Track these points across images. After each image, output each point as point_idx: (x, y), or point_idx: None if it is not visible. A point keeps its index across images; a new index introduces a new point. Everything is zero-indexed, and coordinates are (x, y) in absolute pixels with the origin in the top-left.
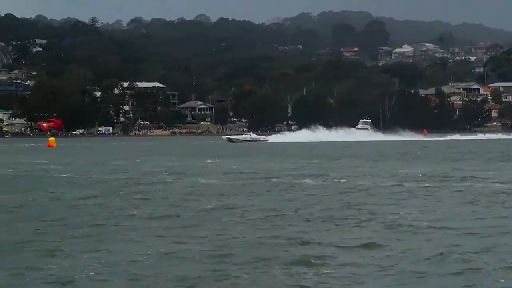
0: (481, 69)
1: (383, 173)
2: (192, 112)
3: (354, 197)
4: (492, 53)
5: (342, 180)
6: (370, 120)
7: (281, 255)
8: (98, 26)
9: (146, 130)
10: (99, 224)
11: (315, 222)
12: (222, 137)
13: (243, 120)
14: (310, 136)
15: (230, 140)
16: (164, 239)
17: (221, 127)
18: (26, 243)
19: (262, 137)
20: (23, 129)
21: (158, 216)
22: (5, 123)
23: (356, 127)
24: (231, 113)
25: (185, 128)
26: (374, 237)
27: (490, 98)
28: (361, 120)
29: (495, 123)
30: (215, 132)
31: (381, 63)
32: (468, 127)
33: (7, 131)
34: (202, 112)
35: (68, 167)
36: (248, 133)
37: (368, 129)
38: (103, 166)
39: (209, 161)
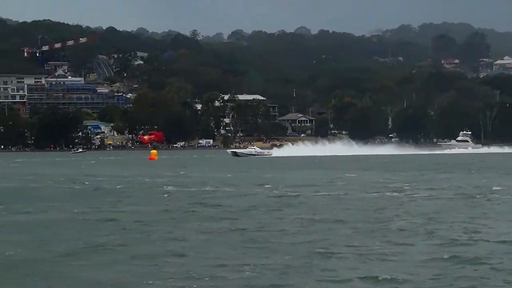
0: None
1: None
2: (293, 124)
3: None
4: None
5: None
6: (470, 132)
7: None
8: (199, 39)
9: (246, 143)
10: None
11: None
12: (227, 151)
13: (343, 132)
14: (313, 149)
15: (235, 154)
16: None
17: (321, 139)
18: None
19: (266, 151)
20: (124, 141)
21: None
22: (106, 135)
23: (457, 139)
24: (331, 125)
25: (286, 140)
26: None
27: None
28: (461, 132)
29: None
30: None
31: (482, 75)
32: None
33: (109, 144)
34: (303, 124)
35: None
36: (253, 147)
37: (468, 141)
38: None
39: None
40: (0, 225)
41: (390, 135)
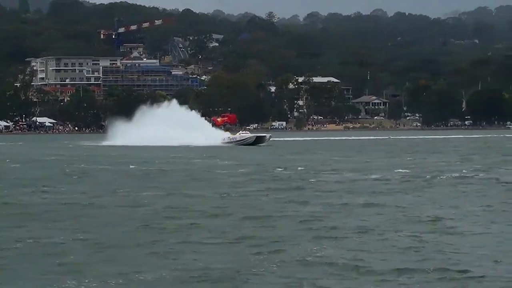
0: None
1: None
2: (366, 107)
3: None
4: None
5: None
6: None
7: None
8: (275, 21)
9: (319, 125)
10: None
11: None
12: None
13: (417, 115)
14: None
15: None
16: None
17: (394, 121)
18: None
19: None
20: None
21: None
22: None
23: None
24: (405, 108)
25: (359, 123)
26: None
27: None
28: None
29: None
30: (388, 127)
31: None
32: None
33: None
34: (376, 106)
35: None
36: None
37: None
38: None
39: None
40: None
41: (465, 118)
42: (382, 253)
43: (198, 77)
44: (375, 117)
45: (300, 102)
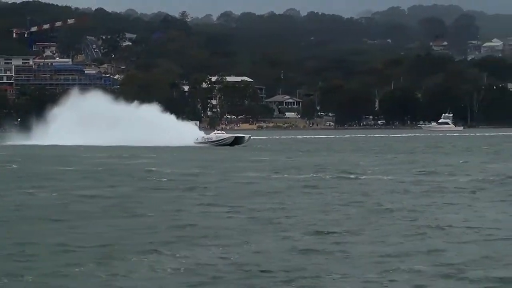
0: None
1: None
2: (279, 107)
3: None
4: None
5: None
6: (452, 115)
7: None
8: (188, 20)
9: (233, 124)
10: None
11: None
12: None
13: (329, 114)
14: None
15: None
16: None
17: (308, 121)
18: None
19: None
20: None
21: None
22: None
23: (438, 121)
24: (318, 107)
25: (272, 122)
26: None
27: None
28: (443, 114)
29: None
30: (302, 126)
31: (470, 58)
32: None
33: None
34: (289, 106)
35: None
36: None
37: (449, 124)
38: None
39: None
40: None
41: (377, 118)
42: None
43: (111, 76)
44: (288, 116)
45: (214, 102)
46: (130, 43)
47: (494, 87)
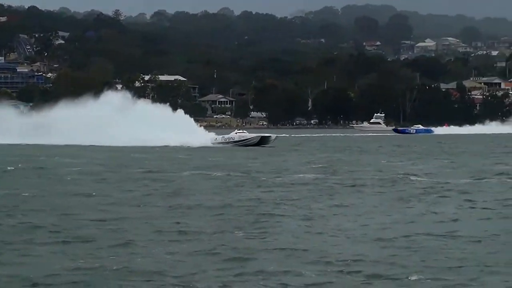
0: (504, 64)
1: None
2: (213, 106)
3: None
4: None
5: None
6: (383, 115)
7: None
8: (122, 19)
9: None
10: None
11: None
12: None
13: (263, 113)
14: None
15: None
16: None
17: (241, 120)
18: None
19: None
20: None
21: None
22: None
23: (370, 121)
24: (251, 107)
25: (205, 122)
26: None
27: (511, 93)
28: (375, 114)
29: None
30: (235, 126)
31: (403, 57)
32: (489, 121)
33: None
34: (222, 105)
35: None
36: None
37: (380, 123)
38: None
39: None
40: None
41: (311, 117)
42: None
43: (43, 74)
44: (222, 116)
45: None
46: (63, 42)
47: (427, 87)
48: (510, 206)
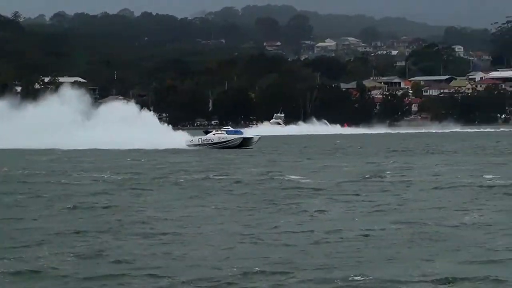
0: (403, 63)
1: None
2: None
3: None
4: (415, 47)
5: None
6: (283, 115)
7: None
8: (21, 20)
9: None
10: None
11: None
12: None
13: (163, 114)
14: None
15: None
16: None
17: None
18: None
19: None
20: None
21: None
22: None
23: (270, 121)
24: (151, 108)
25: None
26: None
27: (411, 92)
28: (275, 114)
29: (413, 116)
30: None
31: (303, 57)
32: (388, 121)
33: None
34: None
35: None
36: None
37: (280, 123)
38: None
39: None
40: None
41: (211, 118)
42: None
43: None
44: None
45: None
46: None
47: (327, 87)
48: None
